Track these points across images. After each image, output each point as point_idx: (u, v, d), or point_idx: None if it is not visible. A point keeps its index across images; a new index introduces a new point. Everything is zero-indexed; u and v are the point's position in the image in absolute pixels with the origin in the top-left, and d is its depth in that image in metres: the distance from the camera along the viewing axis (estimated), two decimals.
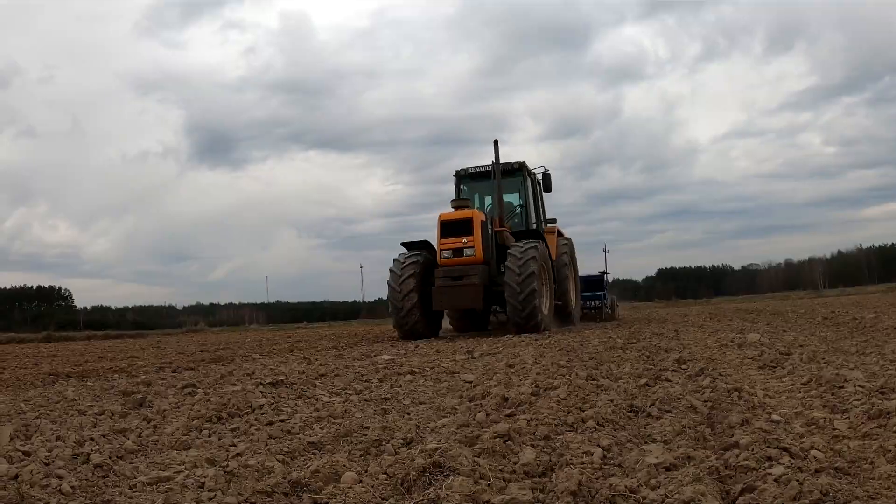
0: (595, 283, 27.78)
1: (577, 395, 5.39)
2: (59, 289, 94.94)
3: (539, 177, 22.27)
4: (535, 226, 21.88)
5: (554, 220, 22.77)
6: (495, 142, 19.21)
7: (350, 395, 6.50)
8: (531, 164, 22.09)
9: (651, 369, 7.12)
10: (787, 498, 2.57)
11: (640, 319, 24.62)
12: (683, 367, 7.16)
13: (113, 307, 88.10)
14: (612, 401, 5.01)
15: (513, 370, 7.76)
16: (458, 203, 19.05)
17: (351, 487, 3.09)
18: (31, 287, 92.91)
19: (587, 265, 26.89)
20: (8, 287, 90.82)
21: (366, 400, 6.16)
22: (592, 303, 27.20)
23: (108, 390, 7.43)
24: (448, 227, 18.30)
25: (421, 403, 5.82)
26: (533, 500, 2.81)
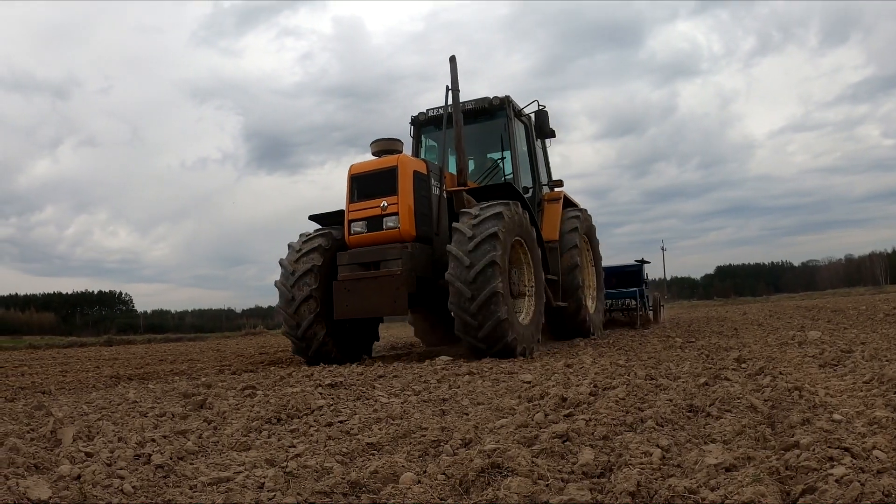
0: (631, 277, 21.38)
1: (635, 395, 5.36)
2: (120, 293, 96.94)
3: (532, 118, 15.43)
4: (535, 189, 15.15)
5: (560, 183, 16.17)
6: (451, 59, 12.13)
7: (408, 395, 6.52)
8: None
9: (710, 368, 7.06)
10: (848, 499, 2.54)
11: (698, 319, 24.21)
12: (743, 365, 7.09)
13: (173, 311, 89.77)
14: (671, 400, 4.98)
15: (571, 370, 7.75)
16: (381, 146, 12.01)
17: (409, 488, 3.11)
18: (93, 292, 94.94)
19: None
20: (70, 292, 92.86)
21: (424, 401, 6.18)
22: (626, 303, 20.95)
23: (169, 392, 7.52)
24: (361, 185, 11.80)
25: (479, 404, 5.82)
26: (591, 501, 2.81)
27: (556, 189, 16.10)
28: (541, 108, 15.22)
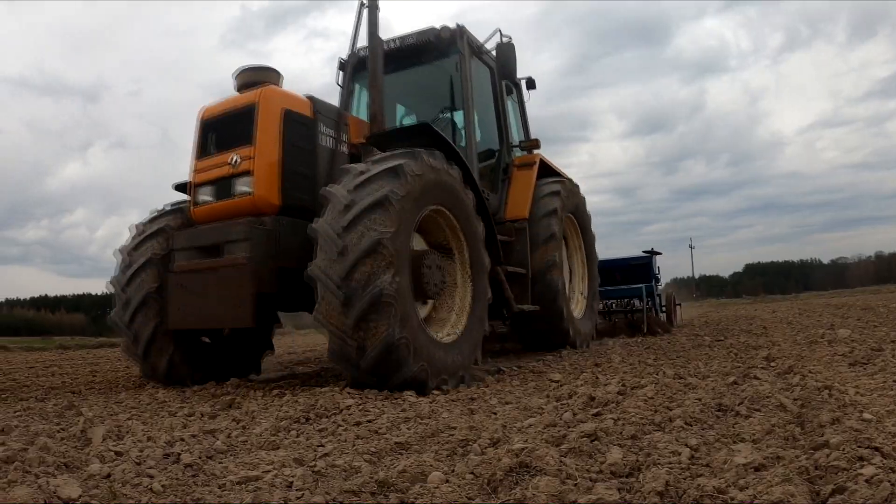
0: (638, 271, 17.24)
1: (664, 394, 5.35)
2: None
3: (493, 57, 11.18)
4: (502, 153, 11.44)
5: (535, 144, 12.00)
6: None
7: (437, 395, 6.54)
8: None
9: (739, 367, 7.03)
10: (878, 499, 2.53)
11: (727, 317, 23.99)
12: (772, 364, 7.05)
13: None
14: (699, 399, 4.96)
15: (599, 369, 7.74)
16: (247, 77, 8.34)
17: (437, 487, 3.12)
18: None
19: (670, 263, 19.23)
20: (100, 293, 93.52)
21: (452, 400, 6.19)
22: (631, 303, 17.12)
23: (198, 392, 7.57)
24: (214, 134, 8.26)
25: (507, 403, 5.83)
26: (620, 501, 2.81)
27: (533, 153, 11.99)
28: (504, 39, 10.88)
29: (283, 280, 7.60)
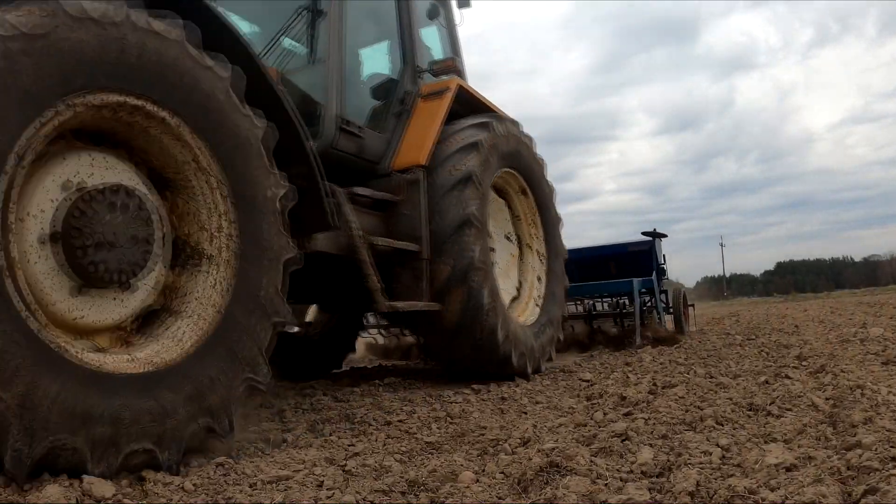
0: (637, 260, 12.64)
1: (695, 394, 5.33)
2: None
3: None
4: (404, 78, 7.59)
5: (451, 66, 7.92)
6: None
7: (468, 395, 6.54)
8: None
9: (771, 366, 6.99)
10: None
11: (758, 316, 23.74)
12: (804, 363, 7.00)
13: None
14: (731, 399, 4.94)
15: (630, 368, 7.71)
16: None
17: (468, 487, 3.13)
18: None
19: (700, 261, 15.86)
20: None
21: (483, 400, 6.20)
22: (621, 304, 12.14)
23: None
24: None
25: (538, 403, 5.83)
26: (650, 501, 2.81)
27: (443, 79, 7.93)
28: None
29: None
